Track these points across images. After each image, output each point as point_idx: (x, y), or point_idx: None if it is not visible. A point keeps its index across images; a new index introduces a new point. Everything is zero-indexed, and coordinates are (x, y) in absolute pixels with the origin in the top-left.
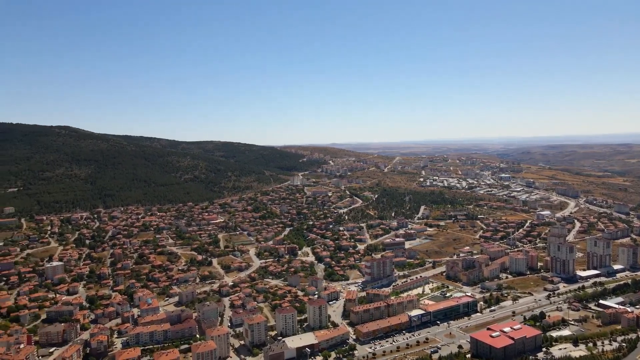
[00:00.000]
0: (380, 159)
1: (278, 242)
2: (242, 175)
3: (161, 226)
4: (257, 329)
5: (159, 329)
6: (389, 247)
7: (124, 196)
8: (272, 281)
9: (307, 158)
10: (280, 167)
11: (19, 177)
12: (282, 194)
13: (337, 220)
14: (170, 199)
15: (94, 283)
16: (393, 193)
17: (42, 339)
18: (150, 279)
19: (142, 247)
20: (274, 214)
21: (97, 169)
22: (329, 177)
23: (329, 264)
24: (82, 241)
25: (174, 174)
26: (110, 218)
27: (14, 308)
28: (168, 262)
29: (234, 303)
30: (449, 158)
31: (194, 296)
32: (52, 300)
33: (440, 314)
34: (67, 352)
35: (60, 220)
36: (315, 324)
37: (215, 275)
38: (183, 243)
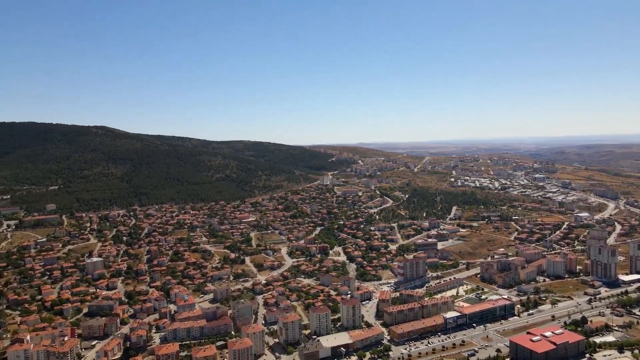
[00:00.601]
0: (409, 159)
1: (309, 241)
2: (272, 174)
3: (195, 224)
4: (292, 327)
5: (196, 325)
6: (421, 247)
7: (158, 194)
8: (305, 280)
9: (336, 158)
10: (309, 166)
11: (60, 175)
12: (312, 194)
13: (368, 220)
14: (202, 197)
15: (131, 279)
16: (424, 193)
17: (85, 332)
18: (185, 276)
19: (177, 244)
20: (305, 213)
21: (132, 167)
22: (358, 176)
23: (360, 263)
24: (119, 238)
25: (205, 173)
26: (146, 216)
27: (58, 302)
28: (202, 259)
29: (267, 301)
30: (480, 158)
31: (228, 293)
32: (93, 294)
33: (476, 317)
34: (109, 346)
35: (99, 218)
36: (348, 323)
37: (248, 274)
38: (216, 241)
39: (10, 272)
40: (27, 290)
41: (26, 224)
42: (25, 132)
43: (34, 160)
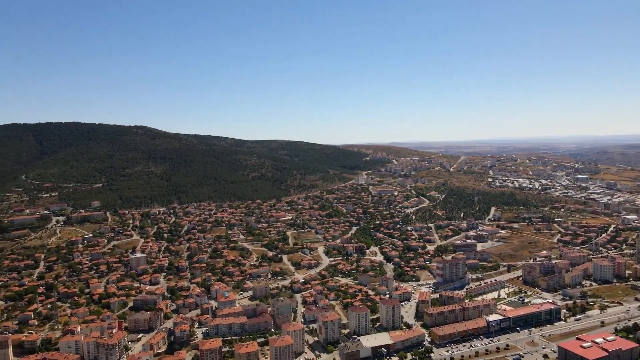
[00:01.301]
0: (444, 158)
1: (345, 240)
2: (306, 173)
3: (232, 222)
4: (331, 326)
5: (237, 322)
6: (459, 248)
7: (197, 192)
8: (342, 279)
9: (370, 157)
10: (343, 165)
11: (103, 173)
12: (347, 193)
13: (404, 220)
14: (239, 196)
15: (173, 275)
16: (460, 193)
17: (131, 325)
18: (224, 273)
19: (216, 242)
20: (340, 212)
21: (171, 166)
22: (393, 176)
23: (398, 263)
24: (160, 235)
25: (241, 172)
26: (185, 213)
27: (105, 295)
28: (240, 257)
29: (306, 300)
30: (518, 158)
31: (267, 291)
32: (137, 289)
33: (520, 320)
34: (154, 339)
35: (140, 215)
36: (388, 324)
37: (286, 272)
38: (253, 239)
39: (60, 265)
40: (76, 284)
41: (73, 220)
42: (71, 131)
43: (79, 158)
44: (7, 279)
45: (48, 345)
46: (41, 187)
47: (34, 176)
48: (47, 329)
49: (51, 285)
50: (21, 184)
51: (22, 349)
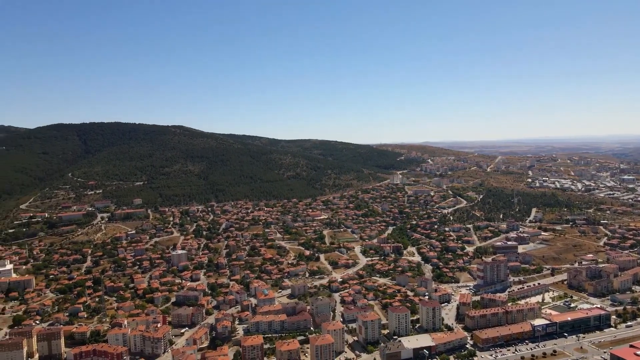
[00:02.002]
0: (481, 158)
1: (382, 240)
2: (341, 173)
3: (269, 221)
4: (371, 326)
5: (277, 319)
6: (500, 250)
7: (233, 191)
8: (380, 279)
9: (405, 156)
10: (377, 165)
11: (144, 172)
12: (382, 192)
13: (441, 220)
14: (275, 194)
15: (212, 272)
16: (499, 194)
17: (174, 320)
18: (262, 271)
19: (253, 240)
20: (376, 212)
21: (209, 165)
22: (428, 176)
23: (436, 264)
24: (199, 232)
25: (277, 171)
26: (223, 211)
27: (149, 290)
28: (278, 255)
29: (344, 299)
30: (558, 158)
31: (305, 290)
32: (179, 285)
33: (568, 326)
34: (197, 334)
35: (180, 212)
36: (428, 325)
37: (323, 271)
38: (290, 238)
39: (106, 260)
40: (121, 278)
41: (117, 217)
42: (113, 131)
43: (121, 157)
44: (57, 273)
45: (97, 337)
46: (86, 184)
47: (79, 174)
48: (95, 321)
49: (98, 279)
50: (68, 182)
51: (73, 339)
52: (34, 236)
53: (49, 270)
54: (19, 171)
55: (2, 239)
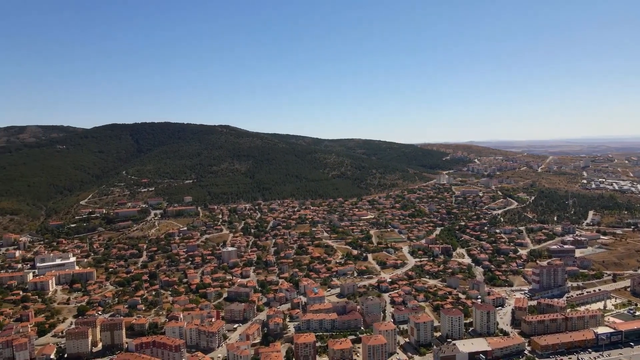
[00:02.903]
0: (530, 158)
1: (430, 241)
2: (386, 172)
3: (315, 220)
4: (424, 328)
5: (328, 318)
6: (555, 254)
7: (279, 190)
8: (430, 281)
9: (450, 156)
10: (422, 165)
11: (193, 170)
12: (429, 193)
13: (491, 221)
14: (320, 194)
15: (261, 269)
16: (552, 195)
17: (227, 315)
18: (311, 269)
19: (301, 238)
20: (423, 212)
21: (255, 164)
22: (475, 176)
23: (487, 267)
24: (248, 230)
25: (321, 170)
26: (270, 210)
27: (201, 285)
28: (325, 254)
29: (394, 299)
30: (615, 158)
31: (354, 289)
32: (230, 281)
33: (634, 335)
34: (250, 330)
35: (228, 210)
36: (482, 329)
37: (371, 271)
38: (337, 237)
39: (160, 256)
40: (175, 273)
41: (169, 214)
42: (162, 131)
43: (171, 156)
44: (116, 266)
45: (155, 329)
46: (139, 182)
47: (132, 172)
48: (153, 314)
49: (154, 273)
50: (122, 179)
51: (133, 331)
52: (94, 231)
53: (108, 264)
54: (78, 169)
55: (65, 232)
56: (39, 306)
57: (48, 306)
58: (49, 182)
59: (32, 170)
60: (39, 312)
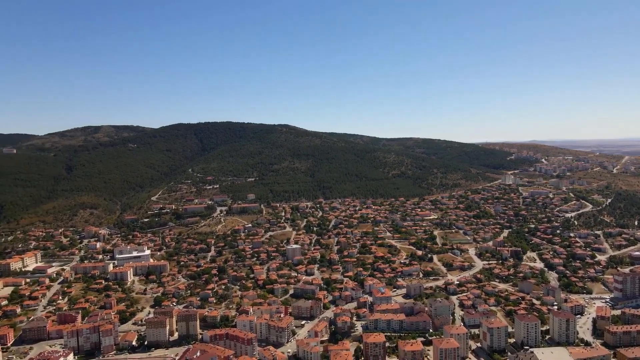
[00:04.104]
0: (604, 158)
1: (498, 243)
2: (447, 172)
3: (377, 219)
4: (497, 333)
5: (395, 318)
6: (638, 261)
7: (340, 189)
8: (500, 284)
9: (515, 156)
10: (485, 164)
11: (255, 168)
12: (494, 193)
13: (564, 225)
14: (381, 193)
15: (325, 267)
16: (631, 197)
17: (294, 311)
18: (375, 269)
19: (363, 237)
20: (489, 213)
21: (314, 163)
22: (544, 176)
23: (562, 273)
24: (310, 228)
25: (381, 169)
26: (331, 208)
27: (268, 281)
28: (389, 254)
29: (463, 302)
30: None
31: (421, 290)
32: (295, 278)
33: None
34: (318, 327)
35: (290, 208)
36: (560, 338)
37: (437, 272)
38: (400, 237)
39: (227, 251)
40: (242, 269)
41: (234, 211)
42: (224, 130)
43: (234, 154)
44: (186, 260)
45: (226, 322)
46: (205, 179)
47: (198, 170)
48: (223, 307)
49: (222, 268)
50: (188, 177)
51: (205, 322)
52: (165, 226)
53: (179, 257)
54: (148, 166)
55: (139, 226)
56: (120, 295)
57: (127, 295)
58: (122, 178)
59: (107, 168)
60: (120, 301)
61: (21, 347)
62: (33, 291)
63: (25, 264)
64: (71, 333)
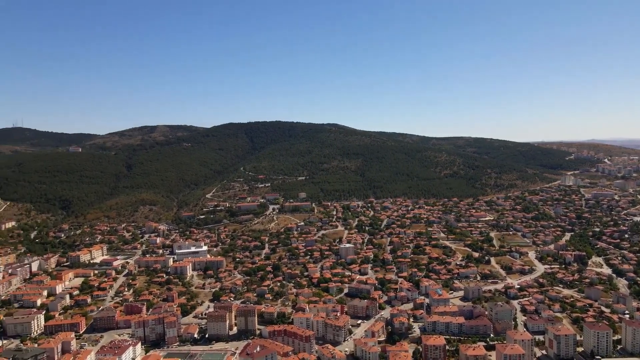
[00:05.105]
0: None
1: (560, 247)
2: (502, 172)
3: (431, 219)
4: (565, 341)
5: (454, 321)
6: None
7: (391, 188)
8: (564, 290)
9: (575, 156)
10: (542, 165)
11: (305, 167)
12: (553, 195)
13: (633, 229)
14: (433, 193)
15: (379, 267)
16: None
17: (350, 310)
18: (430, 270)
19: (417, 238)
20: (548, 215)
21: (364, 162)
22: (607, 177)
23: (632, 279)
24: (362, 227)
25: (432, 169)
26: (382, 208)
27: (322, 279)
28: (444, 255)
29: (525, 308)
30: None
31: (479, 293)
32: (349, 277)
33: None
34: (375, 327)
35: (342, 207)
36: (634, 349)
37: (495, 275)
38: (455, 238)
39: (281, 249)
40: (296, 267)
41: (286, 209)
42: (274, 129)
43: (284, 153)
44: (241, 256)
45: (282, 319)
46: (256, 178)
47: (249, 168)
48: (279, 303)
49: (277, 265)
50: (240, 175)
51: (262, 318)
52: (220, 222)
53: (235, 254)
54: (202, 165)
55: (195, 223)
56: (180, 289)
57: (188, 289)
58: (178, 176)
59: (164, 166)
60: (180, 294)
61: (92, 335)
62: (101, 282)
63: (93, 257)
64: (138, 323)
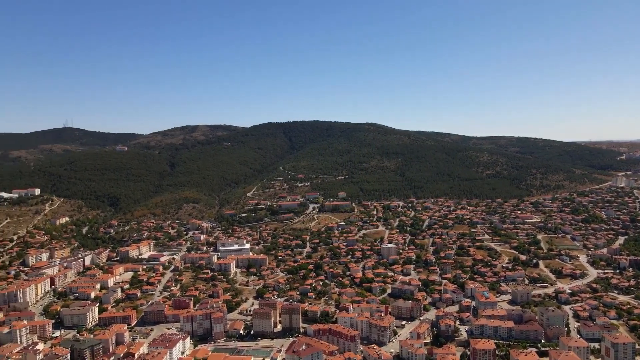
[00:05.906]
0: None
1: (614, 251)
2: (547, 173)
3: (474, 220)
4: (623, 350)
5: (503, 325)
6: None
7: (432, 188)
8: (620, 296)
9: (627, 156)
10: (590, 165)
11: (344, 167)
12: (604, 196)
13: None
14: (476, 193)
15: (422, 268)
16: None
17: (394, 311)
18: (475, 272)
19: (460, 239)
20: (599, 218)
21: (404, 161)
22: None
23: None
24: (403, 227)
25: (474, 169)
26: (424, 208)
27: (365, 279)
28: (489, 257)
29: (578, 313)
30: None
31: (528, 297)
32: (392, 278)
33: None
34: (420, 329)
35: (382, 207)
36: None
37: (545, 279)
38: (500, 240)
39: (322, 248)
40: (338, 266)
41: (326, 208)
42: (312, 129)
43: (323, 153)
44: (283, 255)
45: (326, 317)
46: (296, 177)
47: (288, 167)
48: (322, 302)
49: (319, 264)
50: (280, 174)
51: (306, 316)
52: (261, 221)
53: (277, 252)
54: (242, 164)
55: (237, 221)
56: (225, 285)
57: (232, 286)
58: (219, 175)
59: (205, 165)
60: (225, 291)
61: (143, 328)
62: (150, 277)
63: (141, 252)
64: (187, 318)
